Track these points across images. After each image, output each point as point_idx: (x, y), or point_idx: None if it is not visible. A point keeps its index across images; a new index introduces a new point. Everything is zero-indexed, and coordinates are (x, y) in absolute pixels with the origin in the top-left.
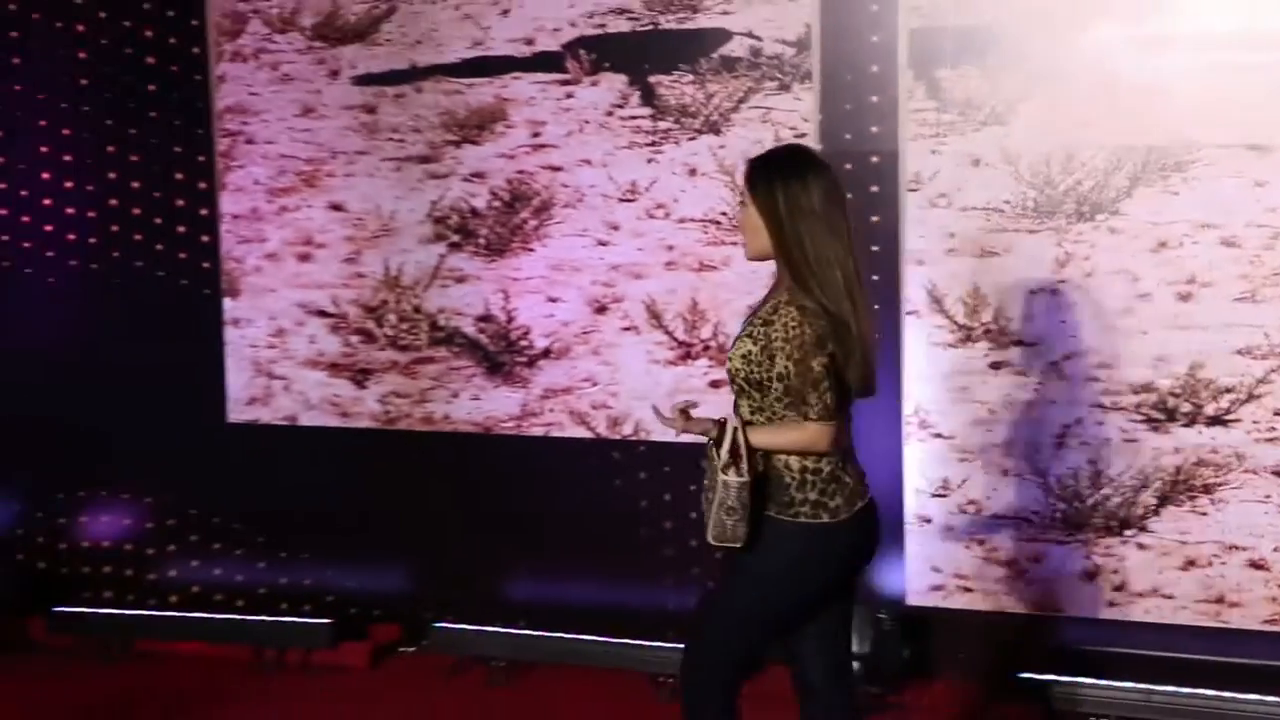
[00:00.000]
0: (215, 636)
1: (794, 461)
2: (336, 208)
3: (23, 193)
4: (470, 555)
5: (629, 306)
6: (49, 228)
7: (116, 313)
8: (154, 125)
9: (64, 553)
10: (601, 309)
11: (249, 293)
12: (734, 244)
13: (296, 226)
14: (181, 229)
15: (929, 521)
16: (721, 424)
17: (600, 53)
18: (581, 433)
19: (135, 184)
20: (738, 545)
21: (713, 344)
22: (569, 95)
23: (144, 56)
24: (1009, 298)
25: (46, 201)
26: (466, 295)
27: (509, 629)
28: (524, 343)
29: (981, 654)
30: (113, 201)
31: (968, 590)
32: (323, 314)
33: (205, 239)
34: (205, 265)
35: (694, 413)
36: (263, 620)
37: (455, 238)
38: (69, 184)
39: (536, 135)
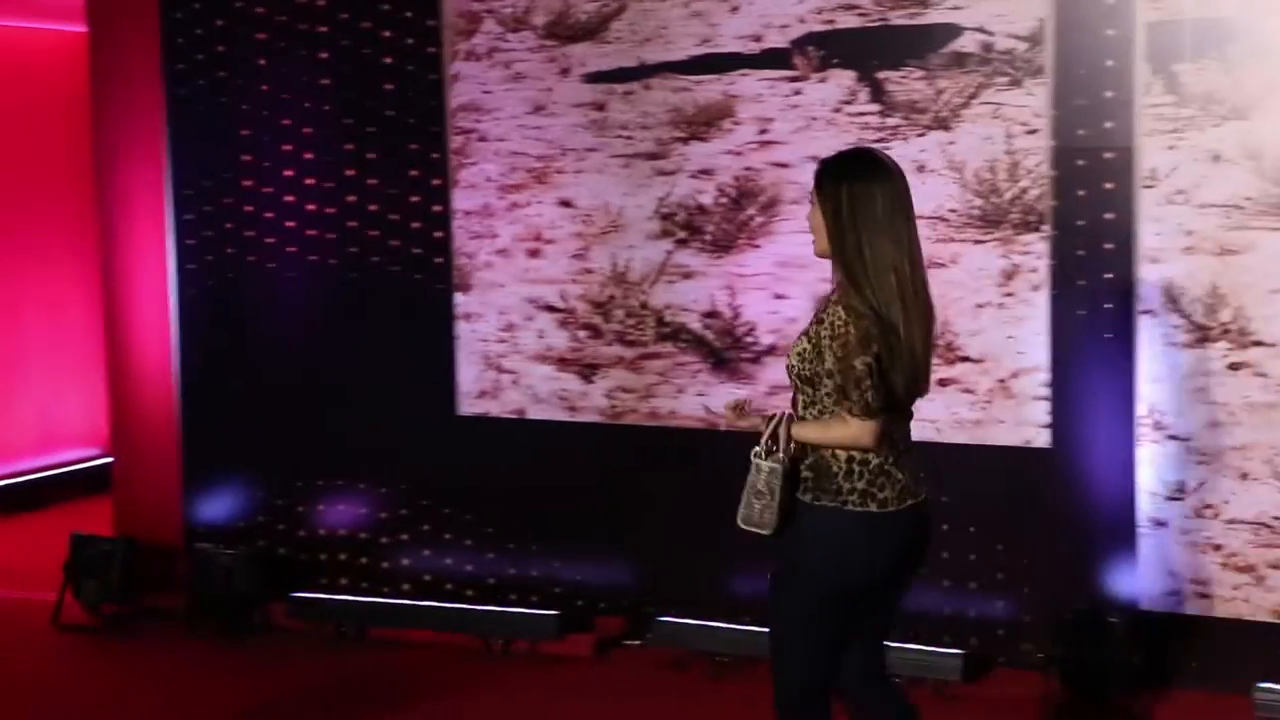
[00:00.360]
0: (445, 625)
1: (840, 453)
2: (566, 204)
3: (266, 190)
4: (695, 550)
5: None
6: (291, 224)
7: (353, 307)
8: (390, 123)
9: (302, 540)
10: None
11: (480, 288)
12: (963, 241)
13: (526, 222)
14: (415, 225)
15: (1163, 525)
16: (770, 416)
17: (828, 49)
18: None
19: (372, 181)
20: (765, 531)
21: (939, 342)
22: (797, 92)
23: (382, 57)
24: (1249, 297)
25: (289, 198)
26: (692, 291)
27: (732, 624)
28: (749, 338)
29: (1217, 662)
30: (350, 198)
31: (1204, 596)
32: (551, 309)
33: (438, 235)
34: (438, 261)
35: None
36: (491, 610)
37: (682, 234)
38: (309, 181)
39: (764, 132)
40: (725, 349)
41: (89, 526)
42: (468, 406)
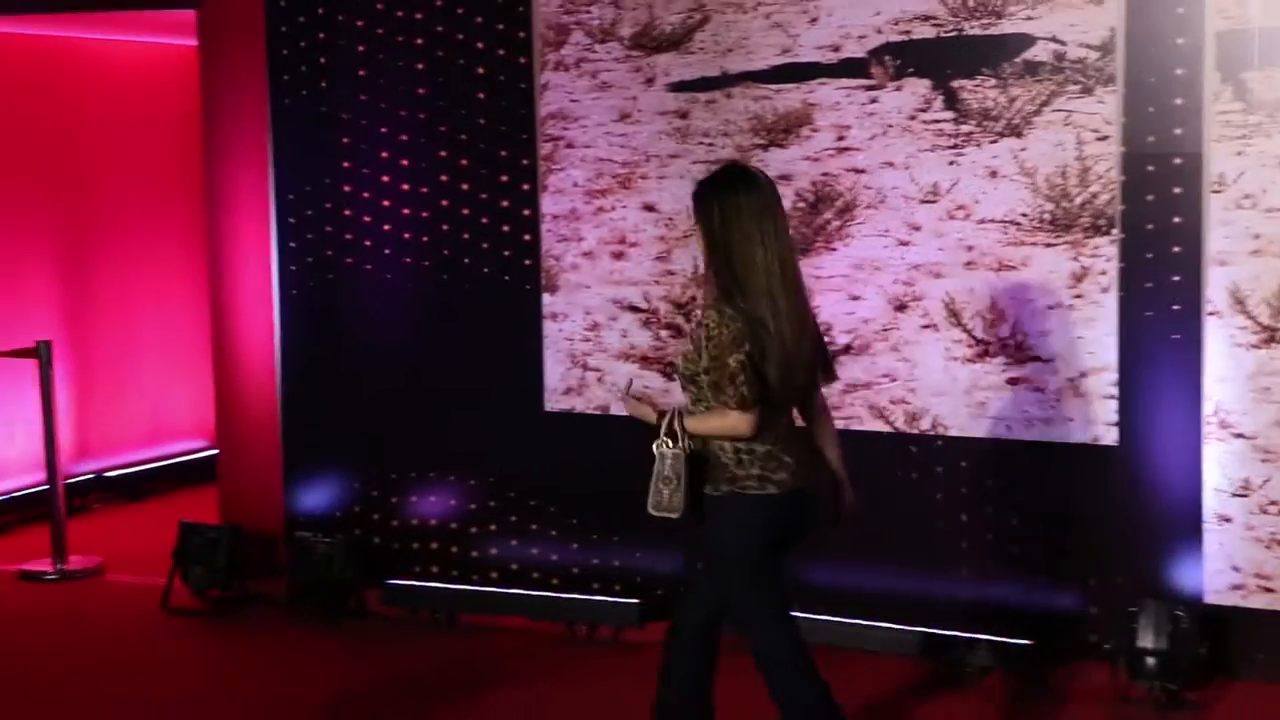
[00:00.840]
0: (532, 612)
1: (728, 445)
2: (649, 208)
3: (364, 195)
4: None
5: (928, 305)
6: (387, 227)
7: (445, 307)
8: (482, 131)
9: (396, 530)
10: (902, 307)
11: (566, 289)
12: (1033, 244)
13: (611, 226)
14: (505, 228)
15: (1228, 521)
16: (662, 410)
17: (904, 58)
18: (880, 427)
19: (464, 186)
20: (674, 515)
21: (1010, 342)
22: (873, 100)
23: (475, 67)
24: None
25: (385, 203)
26: None
27: (808, 614)
28: (825, 339)
29: None
30: (444, 202)
31: (1269, 590)
32: (634, 309)
33: (527, 238)
34: (527, 263)
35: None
36: (575, 598)
37: None
38: (405, 186)
39: (841, 139)
40: None
41: (196, 515)
42: (554, 403)
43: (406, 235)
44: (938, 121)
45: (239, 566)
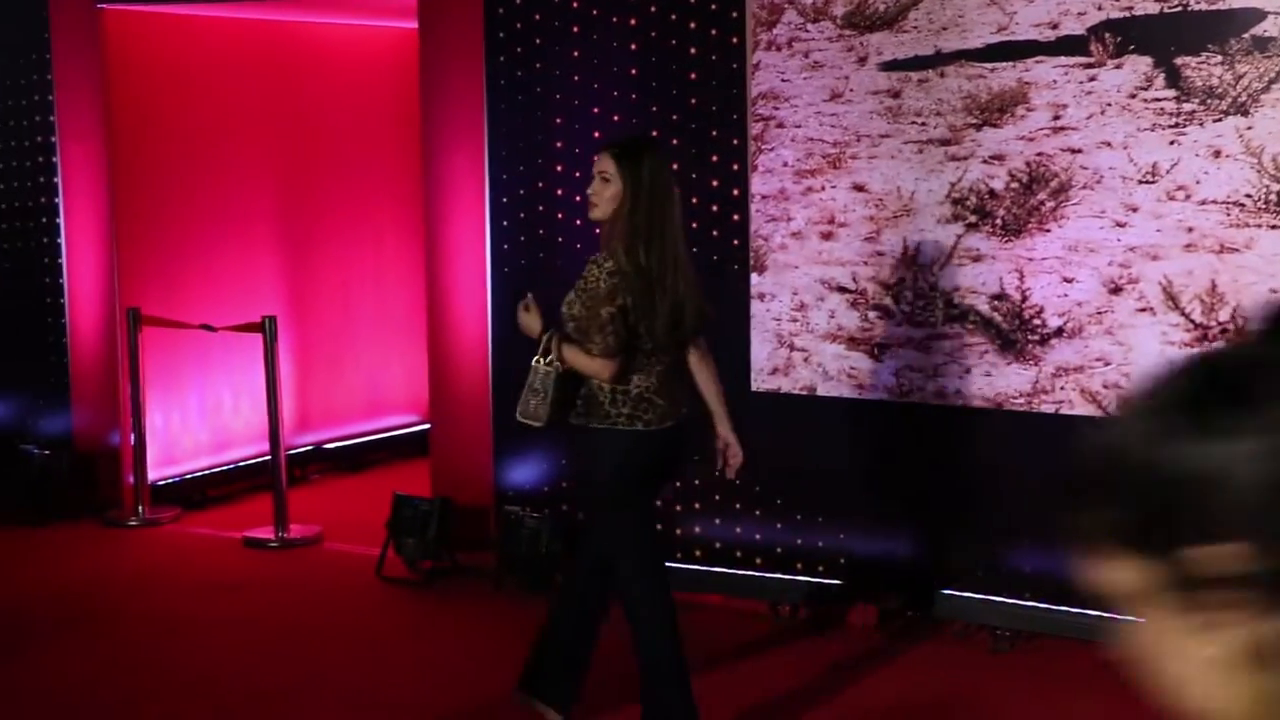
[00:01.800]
0: (734, 590)
1: (606, 385)
2: (859, 188)
3: (576, 174)
4: (978, 526)
5: (1145, 288)
6: None
7: None
8: (693, 111)
9: None
10: (1117, 289)
11: (774, 269)
12: (1258, 226)
13: (821, 206)
14: (714, 208)
15: None
16: (544, 329)
17: (1125, 35)
18: (1092, 411)
19: (674, 166)
20: (538, 424)
21: (1230, 327)
22: (1091, 79)
23: (688, 47)
24: None
25: None
26: (981, 274)
27: (1015, 599)
28: (1037, 321)
29: None
30: None
31: None
32: (842, 290)
33: (735, 218)
34: (735, 242)
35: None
36: (778, 578)
37: (972, 218)
38: None
39: (1057, 118)
40: (1012, 331)
41: (409, 487)
42: (760, 383)
43: None
44: (1159, 100)
45: (449, 539)
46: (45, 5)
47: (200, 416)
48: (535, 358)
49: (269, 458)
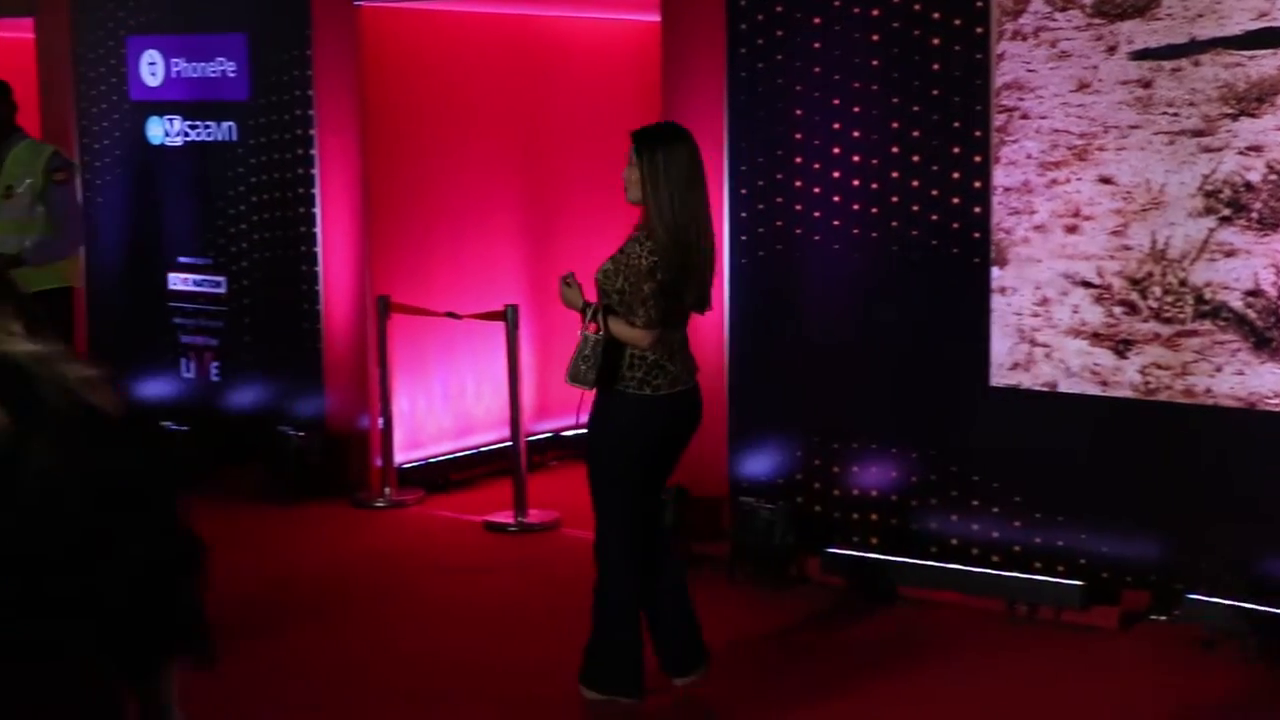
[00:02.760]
0: (970, 588)
1: (627, 350)
2: (1106, 181)
3: (815, 166)
4: (1226, 529)
5: None
6: (836, 199)
7: (892, 279)
8: (935, 102)
9: (837, 499)
10: None
11: (1016, 263)
12: None
13: (1065, 199)
14: (955, 200)
15: None
16: (588, 303)
17: None
18: None
19: (915, 158)
20: (587, 387)
21: None
22: None
23: (930, 38)
24: None
25: (835, 174)
26: (1235, 269)
27: (1269, 606)
28: None
29: None
30: (894, 174)
31: None
32: (1087, 284)
33: (977, 210)
34: (975, 235)
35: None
36: (1016, 576)
37: (1226, 211)
38: (855, 158)
39: None
40: (1267, 329)
41: None
42: (1000, 378)
43: (855, 206)
44: None
45: (685, 527)
46: (308, 3)
47: (444, 402)
48: (583, 329)
49: (509, 444)
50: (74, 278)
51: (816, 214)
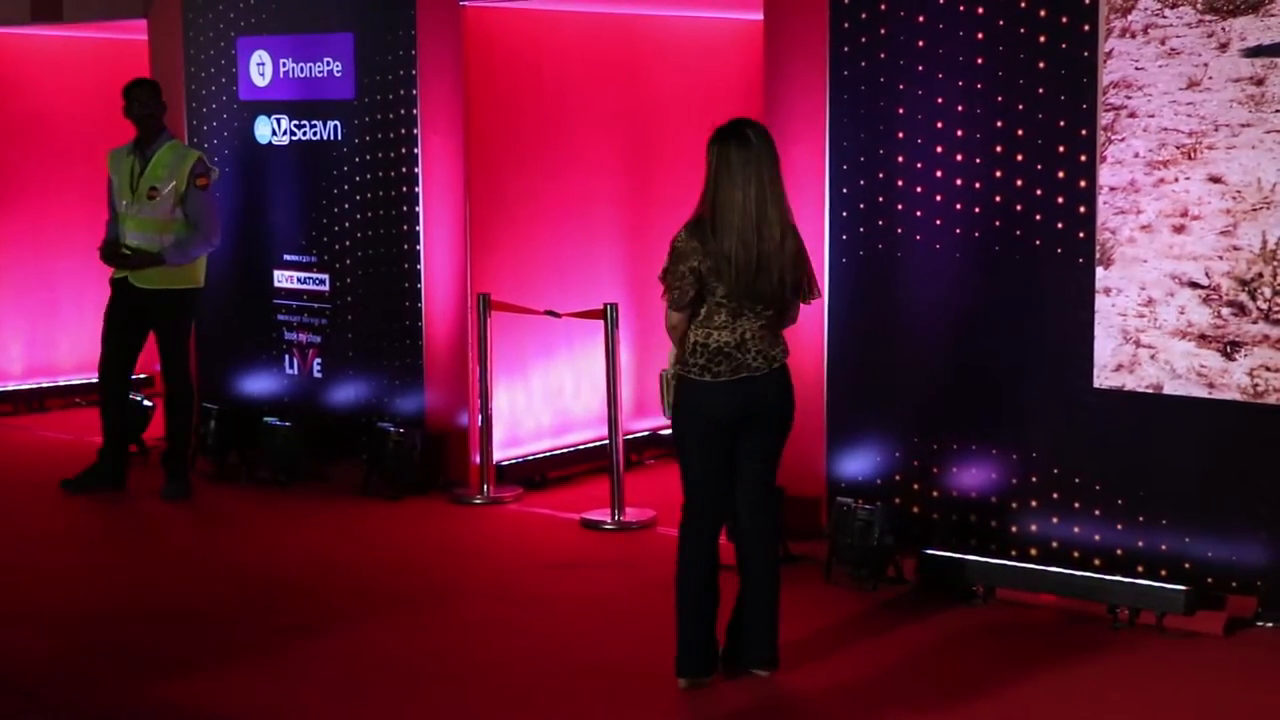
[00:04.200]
0: (1071, 591)
1: (690, 337)
2: (1215, 180)
3: (917, 165)
4: None
5: None
6: (939, 197)
7: (995, 278)
8: (1040, 101)
9: (935, 500)
10: None
11: (1121, 263)
12: None
13: (1173, 198)
14: (1060, 200)
15: None
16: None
17: None
18: None
19: (1019, 157)
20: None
21: None
22: None
23: (1036, 35)
24: None
25: (938, 173)
26: None
27: None
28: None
29: None
30: (997, 173)
31: None
32: (1194, 285)
33: (1082, 210)
34: (1080, 235)
35: None
36: (1118, 580)
37: None
38: (958, 157)
39: None
40: None
41: None
42: (1103, 379)
43: (958, 206)
44: None
45: (782, 527)
46: (413, 3)
47: (543, 400)
48: (665, 371)
49: (607, 442)
50: (203, 277)
51: (918, 213)
